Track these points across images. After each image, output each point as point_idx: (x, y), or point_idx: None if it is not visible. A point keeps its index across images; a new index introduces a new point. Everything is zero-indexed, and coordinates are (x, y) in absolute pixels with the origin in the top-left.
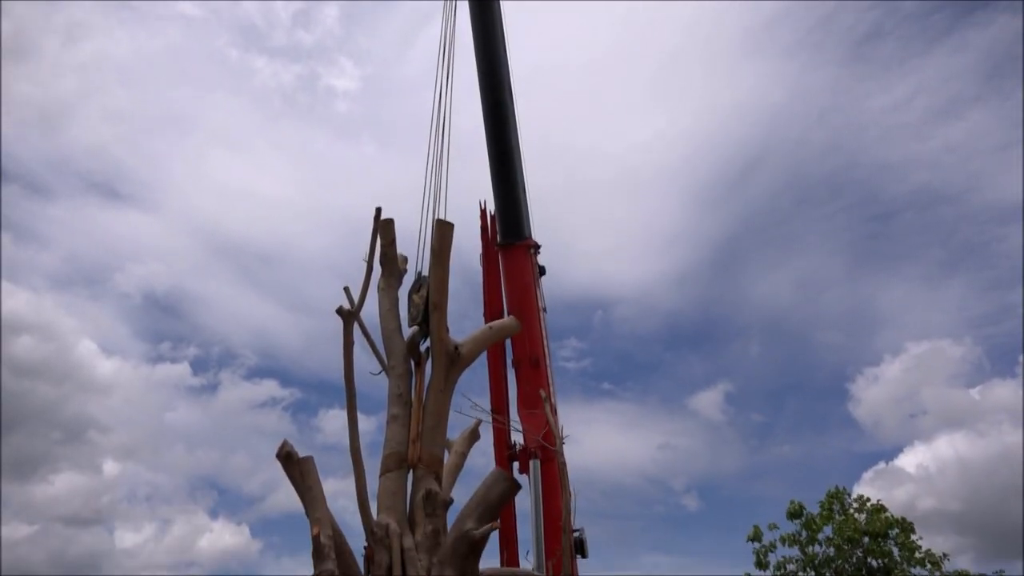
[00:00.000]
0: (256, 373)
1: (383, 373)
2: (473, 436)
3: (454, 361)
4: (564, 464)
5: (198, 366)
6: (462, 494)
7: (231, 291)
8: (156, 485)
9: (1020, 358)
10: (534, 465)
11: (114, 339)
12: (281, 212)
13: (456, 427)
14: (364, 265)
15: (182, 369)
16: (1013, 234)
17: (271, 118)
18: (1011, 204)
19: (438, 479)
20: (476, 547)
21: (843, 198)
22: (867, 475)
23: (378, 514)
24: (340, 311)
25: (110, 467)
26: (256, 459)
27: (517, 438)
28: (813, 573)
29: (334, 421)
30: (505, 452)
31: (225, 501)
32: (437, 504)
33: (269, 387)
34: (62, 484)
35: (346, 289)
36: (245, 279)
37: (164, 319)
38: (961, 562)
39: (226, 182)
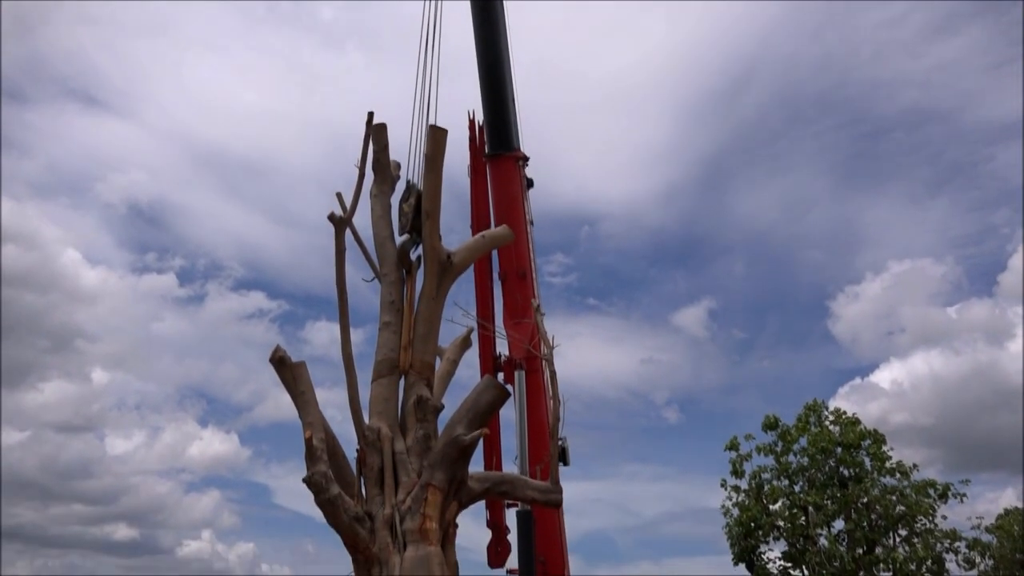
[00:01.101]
0: (243, 285)
1: (375, 280)
2: (464, 344)
3: (446, 269)
4: (555, 372)
5: (184, 277)
6: (452, 402)
7: (215, 203)
8: (145, 394)
9: (998, 278)
10: (519, 375)
11: (98, 249)
12: (265, 122)
13: (447, 336)
14: (353, 174)
15: (168, 280)
16: (1001, 154)
17: (254, 24)
18: (1001, 123)
19: (429, 386)
20: (466, 452)
21: (833, 116)
22: (843, 390)
23: (370, 419)
24: (332, 217)
25: (99, 376)
26: (244, 370)
27: (502, 349)
28: (786, 481)
29: (322, 333)
30: (491, 363)
31: (214, 410)
32: (428, 410)
33: (256, 299)
34: (52, 392)
35: (338, 195)
36: (229, 191)
37: (148, 230)
38: (929, 473)
39: (207, 90)
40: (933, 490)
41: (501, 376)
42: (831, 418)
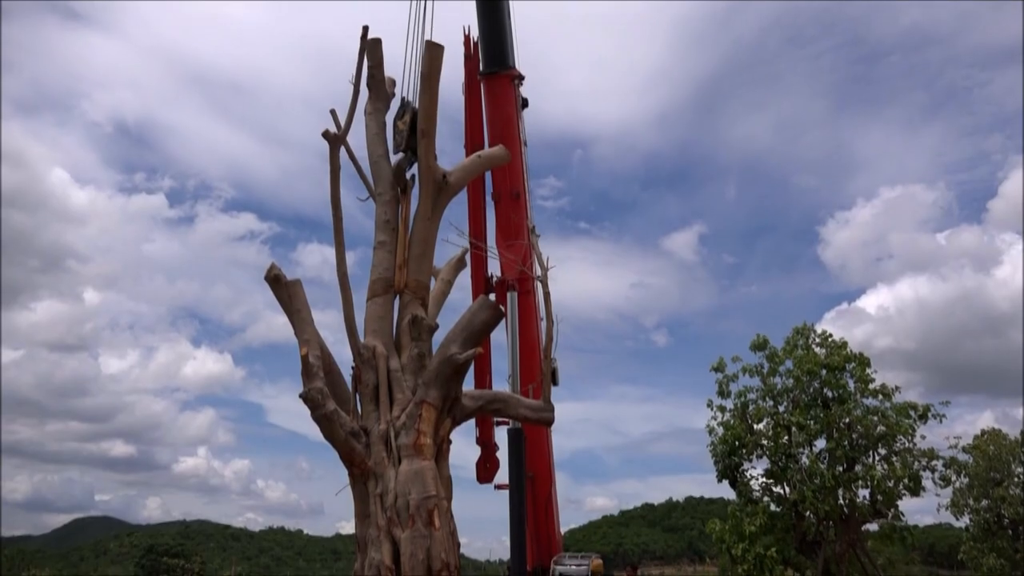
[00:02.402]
0: (233, 206)
1: (369, 200)
2: (459, 265)
3: (441, 189)
4: (548, 293)
5: (174, 198)
6: (445, 323)
7: (203, 122)
8: (138, 314)
9: (988, 204)
10: (511, 296)
11: (85, 168)
12: (252, 38)
13: (441, 257)
14: (344, 94)
15: (158, 201)
16: (998, 79)
17: None
18: (1000, 48)
19: (424, 305)
20: (460, 370)
21: (831, 38)
22: (829, 315)
23: (365, 337)
24: (327, 134)
25: (91, 296)
26: (236, 291)
27: (494, 271)
28: (771, 402)
29: (313, 255)
30: (483, 284)
31: (207, 331)
32: (423, 329)
33: (247, 221)
34: (44, 311)
35: (332, 112)
36: (217, 110)
37: (136, 149)
38: (910, 396)
39: (192, 5)
40: (914, 411)
41: (492, 298)
42: (818, 341)
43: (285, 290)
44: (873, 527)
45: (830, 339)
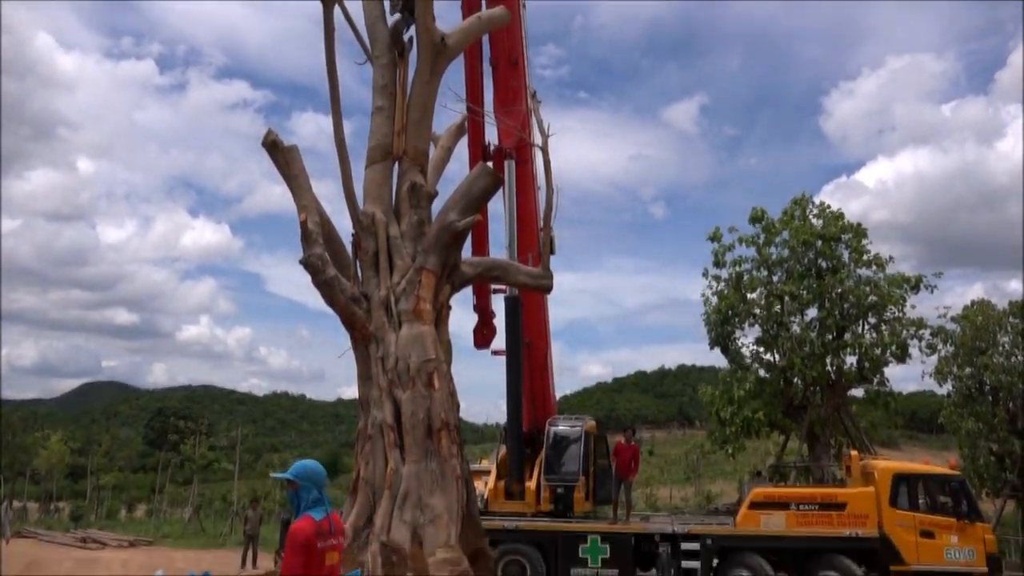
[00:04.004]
0: (225, 74)
1: (367, 63)
2: (459, 131)
3: (440, 52)
4: (549, 160)
5: (164, 64)
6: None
7: None
8: (133, 184)
9: (996, 75)
10: (509, 165)
11: (71, 33)
12: None
13: (440, 124)
14: None
15: (147, 67)
16: None
17: None
18: None
19: (423, 172)
20: (458, 237)
21: None
22: (827, 188)
23: (364, 204)
24: None
25: (84, 165)
26: (231, 160)
27: (491, 139)
28: (766, 272)
29: (308, 125)
30: (480, 152)
31: (204, 201)
32: (422, 196)
33: (239, 88)
34: (38, 181)
35: None
36: None
37: (121, 12)
38: (903, 268)
39: None
40: (906, 283)
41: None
42: (815, 212)
43: (282, 156)
44: (858, 393)
45: (828, 210)
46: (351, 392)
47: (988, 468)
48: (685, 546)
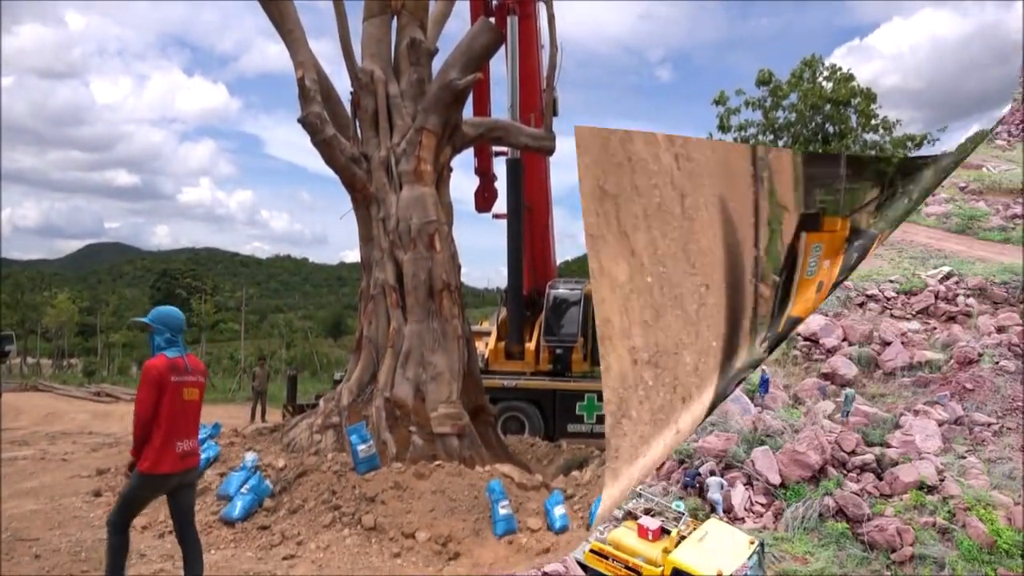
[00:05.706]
0: None
1: None
2: None
3: None
4: (553, 15)
5: None
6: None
7: None
8: (125, 40)
9: None
10: (511, 21)
11: None
12: None
13: None
14: None
15: None
16: None
17: None
18: None
19: (423, 27)
20: (459, 97)
21: None
22: (839, 51)
23: (362, 61)
24: None
25: (74, 19)
26: (225, 16)
27: None
28: (772, 136)
29: None
30: (481, 7)
31: (199, 59)
32: (421, 53)
33: None
34: (28, 36)
35: None
36: None
37: None
38: (912, 130)
39: None
40: (911, 142)
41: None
42: (825, 74)
43: (276, 8)
44: None
45: (839, 71)
46: (353, 256)
47: None
48: None
